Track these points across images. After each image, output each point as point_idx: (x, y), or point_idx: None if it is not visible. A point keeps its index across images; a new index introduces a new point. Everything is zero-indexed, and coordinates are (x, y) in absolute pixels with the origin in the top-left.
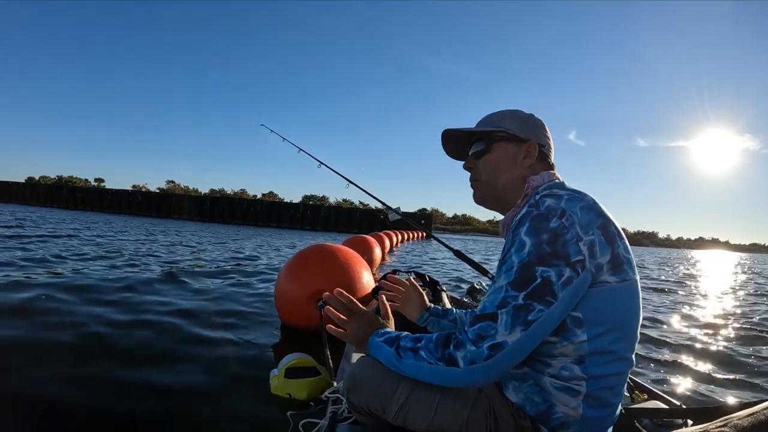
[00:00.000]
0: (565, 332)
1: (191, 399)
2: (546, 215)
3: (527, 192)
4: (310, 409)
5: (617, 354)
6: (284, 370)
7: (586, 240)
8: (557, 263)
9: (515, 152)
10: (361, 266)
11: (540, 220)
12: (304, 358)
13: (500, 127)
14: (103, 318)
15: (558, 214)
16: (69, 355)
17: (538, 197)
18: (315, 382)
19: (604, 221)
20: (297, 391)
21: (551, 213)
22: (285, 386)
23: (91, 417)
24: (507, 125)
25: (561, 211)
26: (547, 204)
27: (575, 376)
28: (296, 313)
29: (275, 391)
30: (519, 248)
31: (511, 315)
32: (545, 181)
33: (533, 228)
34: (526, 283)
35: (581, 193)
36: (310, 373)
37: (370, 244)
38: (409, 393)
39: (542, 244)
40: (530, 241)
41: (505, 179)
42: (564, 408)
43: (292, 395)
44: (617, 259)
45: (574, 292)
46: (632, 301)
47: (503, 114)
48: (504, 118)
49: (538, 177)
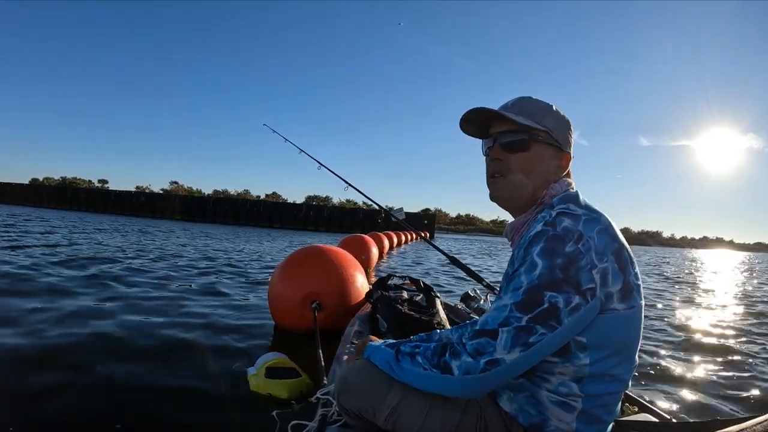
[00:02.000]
0: (568, 355)
1: (179, 398)
2: (563, 237)
3: (543, 200)
4: (293, 408)
5: (616, 376)
6: (264, 369)
7: (599, 267)
8: (567, 290)
9: (551, 159)
10: (356, 269)
11: (555, 242)
12: (283, 358)
13: (543, 125)
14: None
15: (575, 238)
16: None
17: (554, 214)
18: (295, 384)
19: (618, 247)
20: (278, 391)
21: (568, 236)
22: (266, 386)
23: (72, 417)
24: (550, 125)
25: (578, 234)
26: (564, 225)
27: (572, 393)
28: (290, 314)
29: (255, 389)
30: (530, 269)
31: (512, 335)
32: (562, 189)
33: (547, 250)
34: (533, 307)
35: (597, 213)
36: (291, 375)
37: (367, 243)
38: (400, 398)
39: (555, 268)
40: (542, 263)
41: (534, 183)
42: (558, 422)
43: (272, 395)
44: (628, 286)
45: (581, 319)
46: (636, 326)
47: (544, 109)
48: (546, 116)
49: (557, 185)
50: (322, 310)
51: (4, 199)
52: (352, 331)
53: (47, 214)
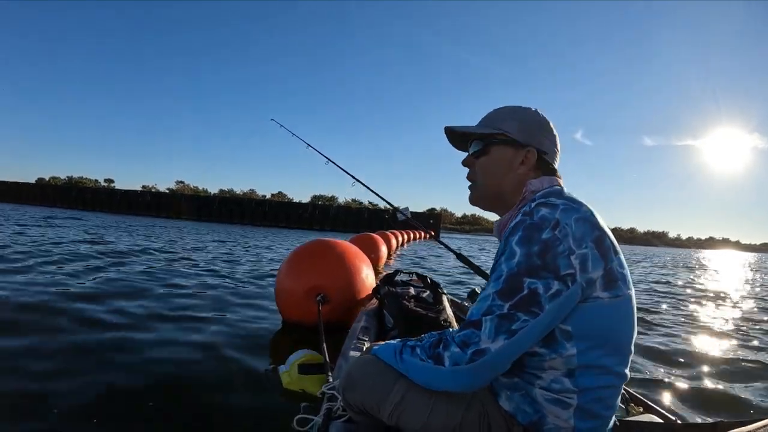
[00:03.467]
0: (555, 345)
1: (192, 390)
2: (539, 225)
3: (525, 195)
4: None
5: (607, 368)
6: (296, 366)
7: (578, 253)
8: (546, 276)
9: (512, 157)
10: (362, 262)
11: (532, 230)
12: (313, 354)
13: (500, 129)
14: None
15: (551, 225)
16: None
17: (533, 205)
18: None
19: (599, 234)
20: (310, 386)
21: (544, 223)
22: (299, 382)
23: (94, 410)
24: (507, 128)
25: (555, 222)
26: (541, 213)
27: (566, 388)
28: (296, 307)
29: (288, 386)
30: (509, 257)
31: (494, 323)
32: (544, 186)
33: (525, 238)
34: (513, 294)
35: (578, 203)
36: (322, 370)
37: (376, 242)
38: (404, 393)
39: (532, 255)
40: (520, 251)
41: (500, 183)
42: (555, 420)
43: (306, 390)
44: (611, 274)
45: (562, 305)
46: (625, 316)
47: (505, 114)
48: (505, 120)
49: (537, 181)
50: (327, 303)
51: (12, 199)
52: (358, 326)
53: (66, 214)
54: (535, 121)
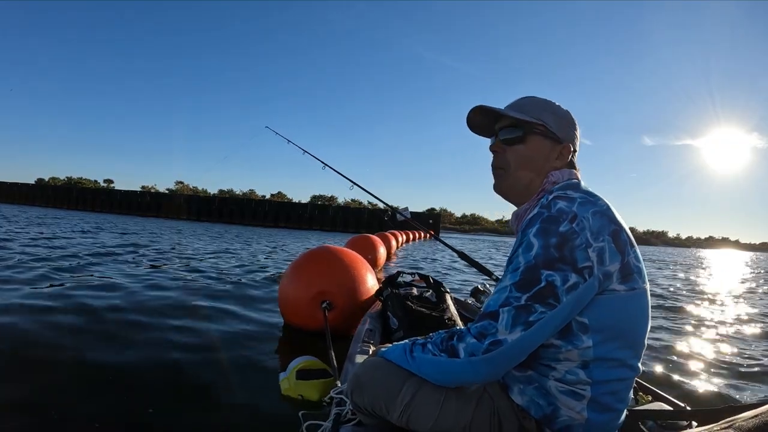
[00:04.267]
0: (571, 337)
1: (196, 397)
2: (557, 218)
3: (544, 187)
4: (322, 410)
5: (622, 361)
6: (295, 372)
7: (595, 246)
8: (564, 268)
9: (550, 150)
10: (365, 268)
11: (550, 223)
12: (313, 360)
13: (539, 119)
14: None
15: (569, 218)
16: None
17: (551, 197)
18: (326, 384)
19: (616, 228)
20: (309, 393)
21: (562, 216)
22: (297, 388)
23: (93, 414)
24: (547, 119)
25: (573, 215)
26: (558, 206)
27: (580, 380)
28: (300, 314)
29: (286, 393)
30: (527, 249)
31: (512, 315)
32: (564, 178)
33: (542, 230)
34: (531, 286)
35: (595, 197)
36: (321, 375)
37: (374, 243)
38: (413, 393)
39: (550, 247)
40: (538, 244)
41: (532, 174)
42: (569, 411)
43: (304, 396)
44: (627, 267)
45: (579, 298)
46: (640, 309)
47: (541, 104)
48: (544, 111)
49: (558, 173)
50: (333, 310)
51: (12, 199)
52: (363, 329)
53: (75, 215)
54: (568, 117)
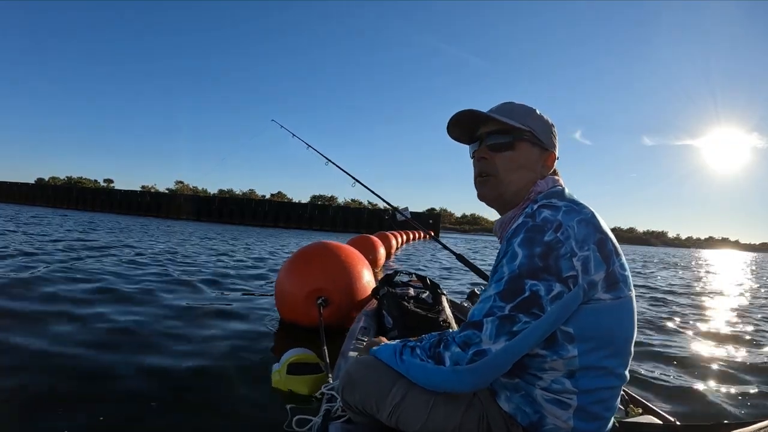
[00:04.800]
0: (556, 346)
1: (191, 392)
2: (541, 227)
3: (530, 196)
4: (311, 405)
5: (608, 369)
6: (286, 366)
7: (580, 256)
8: (548, 278)
9: (537, 158)
10: (362, 265)
11: (534, 232)
12: (307, 354)
13: (527, 126)
14: (105, 311)
15: (554, 227)
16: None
17: (536, 207)
18: (316, 379)
19: (601, 237)
20: (298, 387)
21: (547, 225)
22: (286, 382)
23: (87, 408)
24: (534, 126)
25: (557, 224)
26: (543, 215)
27: (566, 389)
28: (296, 310)
29: (276, 386)
30: (511, 259)
31: (496, 325)
32: (548, 186)
33: (527, 240)
34: (514, 295)
35: (580, 205)
36: (312, 370)
37: (374, 243)
38: (403, 394)
39: (534, 257)
40: (522, 253)
41: (519, 181)
42: (555, 420)
43: (293, 391)
44: (612, 276)
45: (564, 307)
46: (626, 317)
47: (527, 110)
48: (529, 117)
49: (543, 182)
50: (328, 306)
51: (12, 199)
52: (357, 326)
53: (82, 216)
54: (548, 123)
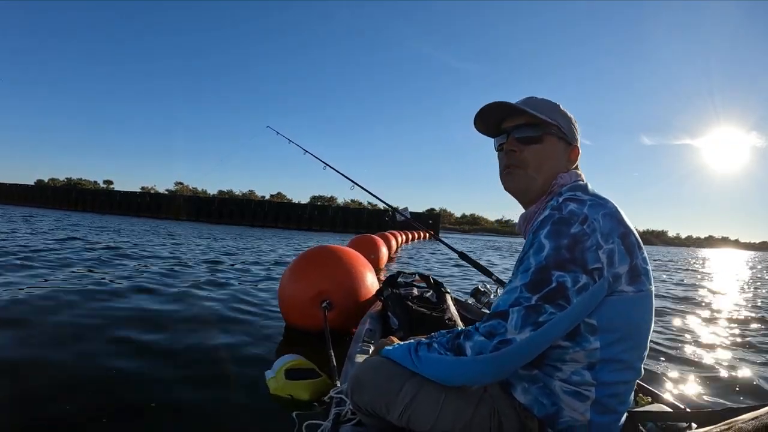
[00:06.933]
0: (579, 338)
1: (195, 396)
2: (568, 220)
3: (553, 189)
4: (314, 410)
5: (627, 363)
6: (284, 372)
7: (605, 248)
8: (574, 269)
9: (563, 152)
10: (365, 268)
11: (561, 224)
12: (301, 359)
13: (554, 120)
14: (105, 313)
15: (580, 219)
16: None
17: (561, 199)
18: (316, 384)
19: (625, 230)
20: (299, 392)
21: (573, 218)
22: (286, 387)
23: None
24: (559, 120)
25: (583, 217)
26: (569, 208)
27: (585, 381)
28: (300, 313)
29: (276, 392)
30: (537, 251)
31: (522, 315)
32: (571, 180)
33: (554, 232)
34: (541, 286)
35: (604, 199)
36: (311, 375)
37: (376, 243)
38: (413, 393)
39: (561, 249)
40: (549, 245)
41: (546, 175)
42: (572, 412)
43: (294, 396)
44: (636, 269)
45: (589, 299)
46: (646, 311)
47: (553, 106)
48: (555, 112)
49: (567, 175)
50: (333, 310)
51: (12, 200)
52: (363, 329)
53: (90, 218)
54: (570, 117)
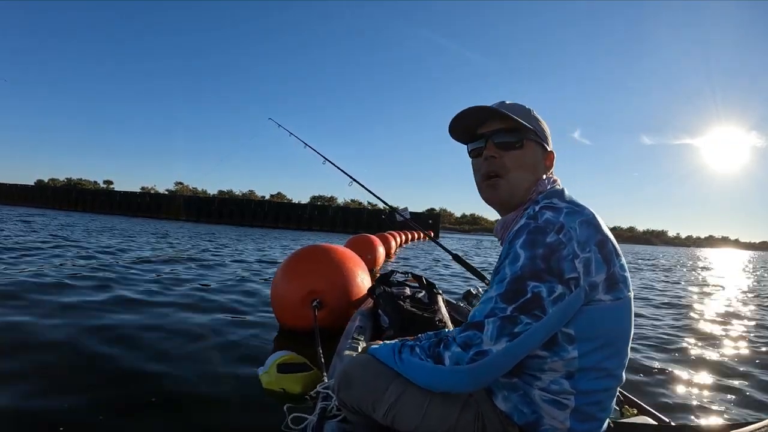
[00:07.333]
0: (556, 348)
1: (187, 395)
2: (543, 229)
3: (531, 196)
4: (305, 403)
5: (607, 371)
6: (276, 366)
7: (582, 257)
8: (550, 279)
9: (541, 157)
10: (357, 266)
11: (537, 234)
12: (292, 355)
13: (531, 125)
14: (100, 312)
15: (556, 228)
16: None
17: (537, 208)
18: (308, 377)
19: (602, 238)
20: (291, 386)
21: (549, 227)
22: (279, 381)
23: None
24: (536, 126)
25: (559, 225)
26: (545, 217)
27: (564, 390)
28: (291, 313)
29: (268, 386)
30: (513, 260)
31: (497, 325)
32: (548, 186)
33: (529, 241)
34: (516, 297)
35: (580, 206)
36: (303, 368)
37: (373, 243)
38: (399, 393)
39: (536, 258)
40: (524, 255)
41: (527, 182)
42: (552, 421)
43: (286, 390)
44: (613, 277)
45: (565, 309)
46: (625, 318)
47: (527, 110)
48: (531, 117)
49: (543, 182)
50: (323, 308)
51: (11, 201)
52: (353, 326)
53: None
54: (544, 123)
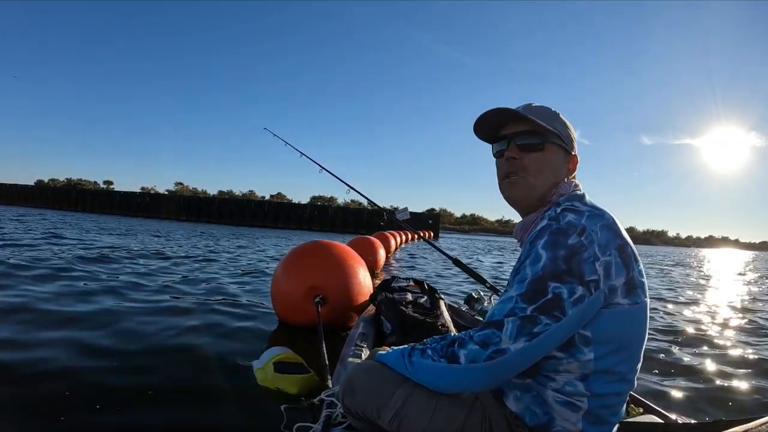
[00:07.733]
0: (573, 349)
1: (186, 391)
2: (566, 230)
3: (551, 198)
4: (302, 404)
5: (620, 374)
6: (272, 364)
7: (602, 260)
8: (571, 281)
9: (563, 161)
10: (359, 264)
11: (559, 235)
12: (289, 352)
13: (555, 128)
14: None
15: (578, 230)
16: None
17: (559, 210)
18: (304, 380)
19: (622, 243)
20: (287, 386)
21: (571, 229)
22: (275, 380)
23: (81, 405)
24: (559, 129)
25: (581, 228)
26: (567, 219)
27: (578, 392)
28: (292, 308)
29: (263, 384)
30: (534, 261)
31: (517, 325)
32: (569, 190)
33: (551, 242)
34: (537, 297)
35: (601, 210)
36: (299, 370)
37: (374, 245)
38: (405, 399)
39: (558, 259)
40: (546, 255)
41: (546, 183)
42: (564, 422)
43: (281, 389)
44: (632, 282)
45: (585, 311)
46: (641, 323)
47: (552, 113)
48: (555, 120)
49: (565, 185)
50: (326, 305)
51: (11, 201)
52: (356, 333)
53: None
54: (569, 126)
